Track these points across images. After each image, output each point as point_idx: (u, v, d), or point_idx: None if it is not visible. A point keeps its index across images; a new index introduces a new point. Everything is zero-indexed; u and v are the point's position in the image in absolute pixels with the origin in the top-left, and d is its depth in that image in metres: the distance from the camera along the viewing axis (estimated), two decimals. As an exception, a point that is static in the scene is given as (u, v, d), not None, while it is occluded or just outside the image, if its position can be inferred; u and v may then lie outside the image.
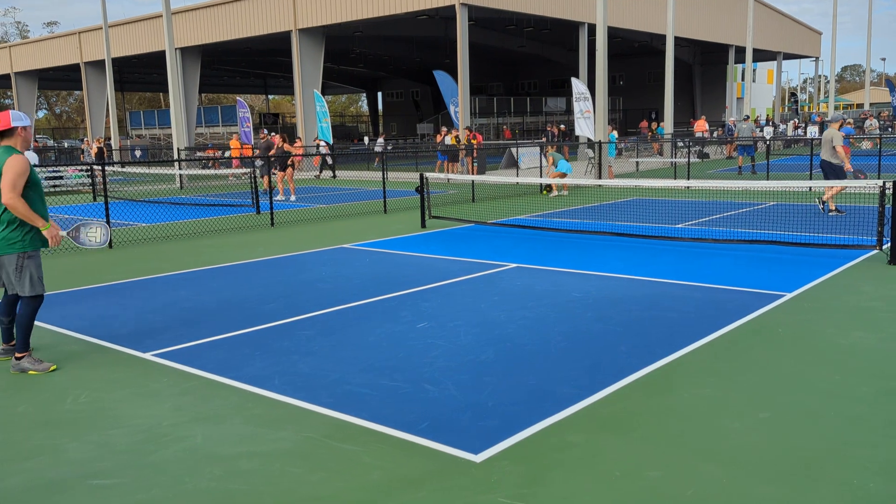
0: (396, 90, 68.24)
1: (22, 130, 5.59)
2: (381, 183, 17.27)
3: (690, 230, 11.89)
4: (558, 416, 4.50)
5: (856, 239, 10.31)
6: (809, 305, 7.01)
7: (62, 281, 9.29)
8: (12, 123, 5.53)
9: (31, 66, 48.20)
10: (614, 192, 18.68)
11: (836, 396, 4.74)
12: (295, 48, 33.21)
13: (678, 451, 4.01)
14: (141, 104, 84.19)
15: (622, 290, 7.82)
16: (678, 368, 5.34)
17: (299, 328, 6.67)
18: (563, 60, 49.27)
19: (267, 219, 14.81)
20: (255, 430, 4.45)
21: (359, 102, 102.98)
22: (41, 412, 4.86)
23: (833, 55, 47.63)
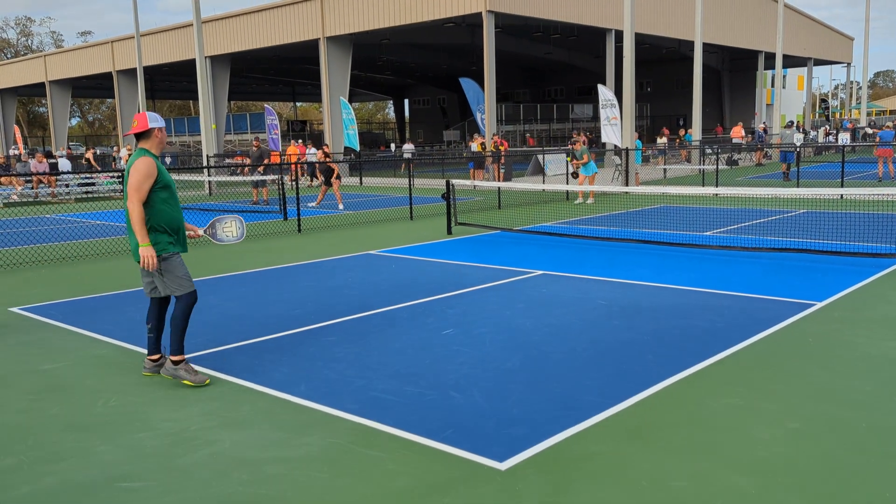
0: (423, 97, 68.48)
1: (158, 132, 5.43)
2: (408, 189, 17.33)
3: (718, 238, 11.77)
4: (584, 425, 4.48)
5: (888, 248, 10.12)
6: (840, 315, 6.90)
7: (91, 286, 9.45)
8: (149, 125, 5.35)
9: (64, 75, 49.15)
10: (641, 199, 18.56)
11: (868, 407, 4.65)
12: (323, 56, 33.49)
13: (706, 462, 3.97)
14: (171, 111, 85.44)
15: (649, 298, 7.76)
16: (706, 378, 5.28)
17: (325, 334, 6.71)
18: (590, 67, 49.07)
19: (294, 225, 14.93)
20: (282, 435, 4.48)
21: (385, 109, 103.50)
22: (72, 415, 4.94)
23: (865, 60, 46.92)
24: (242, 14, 37.01)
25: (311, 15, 33.69)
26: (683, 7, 37.13)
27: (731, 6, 41.66)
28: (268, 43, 35.99)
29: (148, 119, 5.36)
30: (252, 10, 36.50)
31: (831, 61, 54.95)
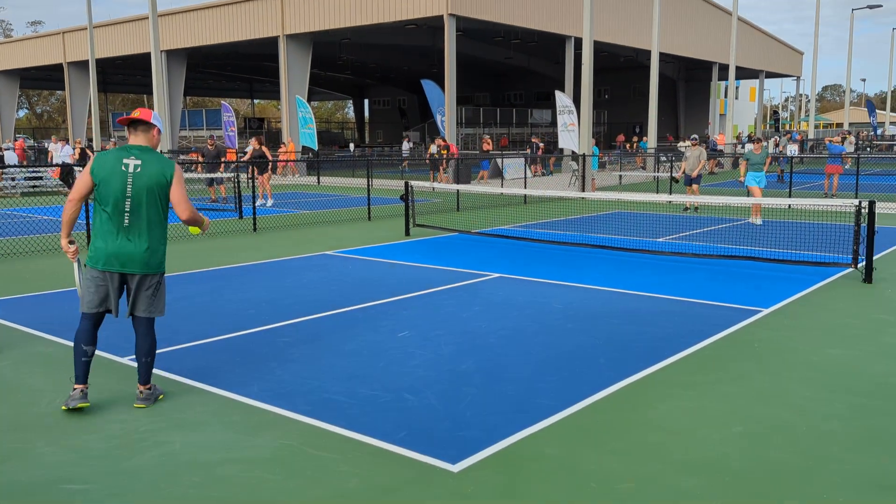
0: (383, 98, 68.29)
1: (157, 133, 4.93)
2: (366, 190, 17.27)
3: (671, 244, 12.00)
4: (536, 427, 4.53)
5: (832, 257, 10.45)
6: (785, 321, 7.10)
7: (36, 284, 9.21)
8: (153, 120, 4.88)
9: (13, 66, 47.74)
10: (597, 205, 18.81)
11: (810, 411, 4.80)
12: (282, 54, 33.17)
13: (654, 463, 4.05)
14: (124, 106, 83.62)
15: (603, 303, 7.88)
16: (656, 381, 5.39)
17: (279, 335, 6.66)
18: (550, 73, 49.57)
19: (249, 224, 14.76)
20: (234, 436, 4.44)
21: (345, 109, 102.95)
22: (15, 415, 4.81)
23: (814, 75, 48.34)
24: (201, 8, 36.46)
25: (270, 12, 33.35)
26: (641, 17, 37.78)
27: (687, 18, 42.54)
28: (226, 39, 35.51)
29: (153, 115, 4.92)
30: (211, 4, 35.98)
31: (782, 74, 56.47)
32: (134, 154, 4.76)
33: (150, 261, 4.82)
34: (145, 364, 4.96)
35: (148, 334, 4.96)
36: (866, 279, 8.90)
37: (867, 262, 8.92)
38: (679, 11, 41.57)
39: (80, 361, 4.79)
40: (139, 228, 4.75)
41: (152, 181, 4.75)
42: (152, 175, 4.75)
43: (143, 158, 4.76)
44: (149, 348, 4.96)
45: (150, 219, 4.79)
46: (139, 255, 4.76)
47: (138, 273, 4.81)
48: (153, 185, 4.75)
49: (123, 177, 4.70)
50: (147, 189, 4.74)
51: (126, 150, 4.77)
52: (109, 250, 4.72)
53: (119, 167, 4.71)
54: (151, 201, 4.77)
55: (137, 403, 4.94)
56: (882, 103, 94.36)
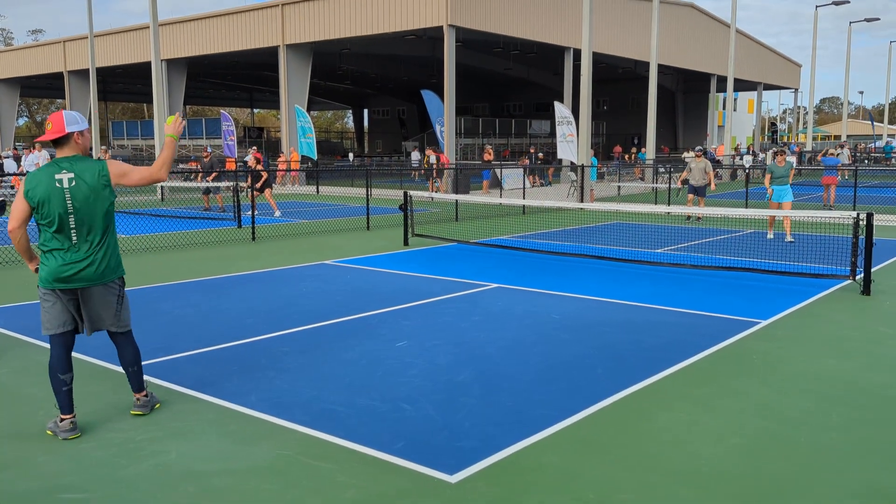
0: (382, 108, 68.47)
1: (79, 137, 4.59)
2: (365, 199, 17.29)
3: (669, 255, 12.02)
4: (534, 438, 4.53)
5: (830, 269, 10.47)
6: (783, 333, 7.10)
7: (32, 292, 9.18)
8: (66, 129, 4.52)
9: (13, 74, 47.84)
10: (595, 216, 18.83)
11: (808, 424, 4.80)
12: (282, 63, 33.27)
13: (652, 475, 4.05)
14: (124, 114, 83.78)
15: (601, 314, 7.88)
16: (653, 392, 5.38)
17: (277, 344, 6.65)
18: (549, 84, 49.75)
19: (248, 233, 14.77)
20: (231, 446, 4.43)
21: (344, 119, 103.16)
22: (14, 424, 4.80)
23: (812, 87, 48.53)
24: (201, 18, 36.58)
25: (271, 22, 33.47)
26: (640, 29, 37.96)
27: (686, 30, 42.74)
28: (226, 48, 35.62)
29: (65, 121, 4.53)
30: (211, 14, 36.11)
31: (780, 86, 56.70)
32: (64, 168, 4.52)
33: (105, 270, 4.64)
34: (134, 373, 4.90)
35: (128, 344, 4.86)
36: (865, 291, 8.91)
37: (865, 274, 8.93)
38: (678, 23, 41.78)
39: (62, 392, 4.58)
40: (89, 242, 4.57)
41: (91, 189, 4.53)
42: (89, 183, 4.53)
43: (75, 169, 4.52)
44: (133, 358, 4.88)
45: (98, 229, 4.60)
46: (93, 269, 4.58)
47: (94, 285, 4.61)
48: (93, 193, 4.54)
49: (61, 194, 4.47)
50: (88, 199, 4.52)
51: (56, 166, 4.53)
52: (60, 268, 4.52)
53: (54, 185, 4.47)
54: (96, 210, 4.57)
55: (135, 410, 4.92)
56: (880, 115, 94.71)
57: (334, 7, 31.19)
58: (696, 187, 17.39)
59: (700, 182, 17.33)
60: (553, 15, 32.89)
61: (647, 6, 37.66)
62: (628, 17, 37.84)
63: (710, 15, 45.50)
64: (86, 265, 4.56)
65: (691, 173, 17.49)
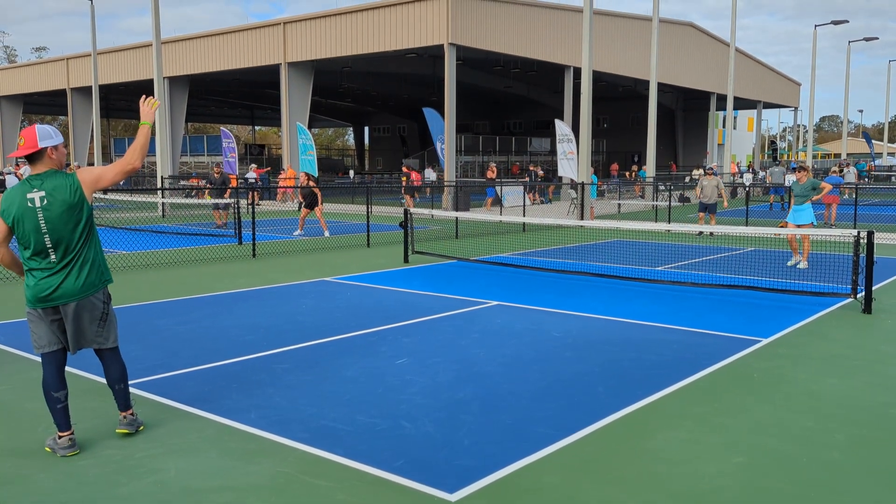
0: (383, 125, 68.76)
1: (52, 152, 4.47)
2: (365, 216, 17.31)
3: (670, 273, 12.01)
4: (534, 457, 4.50)
5: (831, 287, 10.46)
6: (784, 352, 7.09)
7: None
8: (39, 144, 4.41)
9: (16, 91, 48.12)
10: (595, 233, 18.85)
11: (810, 442, 4.78)
12: (283, 81, 33.47)
13: (653, 494, 4.02)
14: (126, 131, 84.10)
15: (601, 331, 7.87)
16: (654, 411, 5.36)
17: (277, 361, 6.64)
18: (549, 102, 49.99)
19: (249, 250, 14.78)
20: (230, 463, 4.41)
21: (345, 136, 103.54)
22: (11, 440, 4.78)
23: (811, 106, 48.74)
24: (204, 36, 36.84)
25: (273, 40, 33.71)
26: (640, 48, 38.19)
27: (685, 49, 43.00)
28: (228, 66, 35.84)
29: (38, 136, 4.40)
30: (213, 32, 36.37)
31: (780, 105, 56.96)
32: (35, 186, 4.42)
33: (86, 284, 4.52)
34: (120, 391, 4.83)
35: (115, 361, 4.79)
36: (865, 309, 8.90)
37: (866, 292, 8.92)
38: (677, 42, 42.05)
39: (56, 409, 4.53)
40: (67, 259, 4.47)
41: (64, 206, 4.42)
42: (62, 200, 4.41)
43: (46, 187, 4.41)
44: (119, 375, 4.80)
45: (76, 244, 4.49)
46: (71, 284, 4.48)
47: (76, 300, 4.50)
48: (67, 210, 4.43)
49: (34, 214, 4.38)
50: (62, 217, 4.41)
51: (28, 185, 4.44)
52: (39, 287, 4.45)
53: (26, 205, 4.39)
54: (71, 226, 4.45)
55: (120, 429, 4.82)
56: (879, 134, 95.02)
57: (336, 25, 31.42)
58: (706, 205, 17.59)
59: (711, 199, 17.51)
60: (553, 34, 33.11)
61: (647, 25, 37.94)
62: (628, 35, 38.09)
63: (709, 34, 45.80)
64: (63, 281, 4.46)
65: (703, 191, 17.66)
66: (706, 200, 17.57)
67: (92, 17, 33.49)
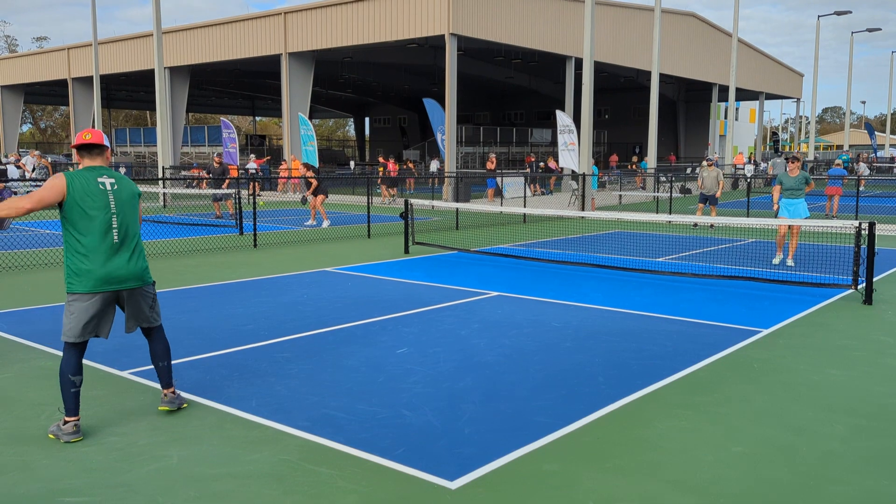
0: (384, 116, 68.63)
1: (109, 154, 5.03)
2: (366, 207, 17.32)
3: (670, 264, 12.02)
4: (534, 445, 4.53)
5: (832, 278, 10.47)
6: (785, 342, 7.10)
7: (38, 297, 9.22)
8: (104, 142, 4.93)
9: (17, 80, 48.02)
10: (596, 224, 18.85)
11: (809, 432, 4.80)
12: (284, 71, 33.39)
13: (652, 483, 4.05)
14: (127, 121, 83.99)
15: (602, 322, 7.88)
16: (654, 400, 5.39)
17: (278, 350, 6.66)
18: (550, 92, 49.88)
19: (250, 240, 14.79)
20: (232, 451, 4.44)
21: (346, 127, 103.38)
22: (14, 428, 4.80)
23: (814, 97, 48.60)
24: (204, 26, 36.73)
25: (273, 30, 33.61)
26: (642, 38, 38.07)
27: (687, 39, 42.85)
28: (229, 56, 35.75)
29: (104, 136, 4.98)
30: (214, 22, 36.26)
31: (782, 96, 56.76)
32: (105, 174, 4.83)
33: (144, 272, 4.92)
34: (164, 368, 5.09)
35: (161, 339, 5.11)
36: (866, 301, 8.91)
37: (867, 283, 8.94)
38: (679, 33, 41.90)
39: (70, 393, 4.66)
40: (128, 243, 4.83)
41: (128, 196, 4.88)
42: (127, 191, 4.88)
43: (113, 176, 4.87)
44: (164, 351, 5.10)
45: (134, 232, 4.90)
46: (135, 270, 4.84)
47: (137, 286, 4.87)
48: (130, 200, 4.88)
49: (105, 194, 4.75)
50: (127, 203, 4.85)
51: (96, 171, 4.79)
52: (103, 270, 4.67)
53: (97, 186, 4.73)
54: (132, 215, 4.88)
55: (162, 406, 5.04)
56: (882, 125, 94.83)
57: (336, 16, 31.32)
58: (707, 196, 17.52)
59: (711, 190, 17.44)
60: (555, 24, 33.01)
61: (649, 15, 37.82)
62: (630, 26, 37.96)
63: (711, 24, 45.63)
64: (127, 266, 4.80)
65: (703, 182, 17.56)
66: (706, 192, 17.49)
67: (93, 7, 33.40)
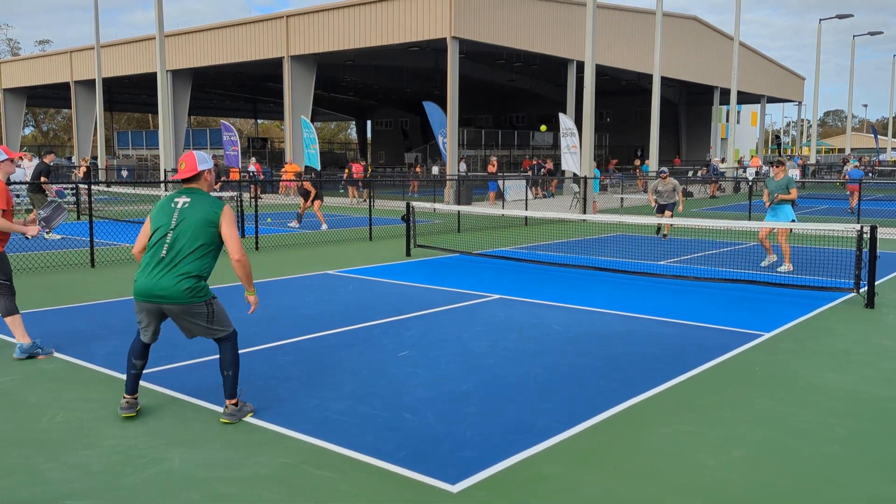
0: (385, 119, 68.69)
1: (208, 175, 5.01)
2: (368, 210, 17.33)
3: (672, 267, 12.02)
4: (536, 448, 4.53)
5: (834, 282, 10.46)
6: (786, 346, 7.10)
7: (43, 299, 9.23)
8: (199, 168, 4.94)
9: (20, 84, 48.14)
10: (598, 227, 18.85)
11: (811, 436, 4.80)
12: (286, 75, 33.44)
13: (653, 487, 4.04)
14: (129, 124, 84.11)
15: (603, 325, 7.88)
16: (656, 404, 5.38)
17: (280, 353, 6.66)
18: (552, 96, 49.89)
19: (251, 243, 14.80)
20: (233, 454, 4.44)
21: (348, 130, 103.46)
22: (16, 431, 4.81)
23: (815, 100, 48.60)
24: (206, 29, 36.81)
25: (275, 33, 33.67)
26: (643, 41, 38.09)
27: (689, 43, 42.87)
28: (231, 59, 35.82)
29: (197, 161, 4.95)
30: (216, 25, 36.33)
31: (784, 99, 56.76)
32: (184, 193, 4.96)
33: (187, 293, 4.75)
34: (226, 378, 4.98)
35: (226, 349, 4.98)
36: (868, 304, 8.90)
37: (869, 287, 8.93)
38: (681, 36, 41.92)
39: (129, 374, 5.00)
40: (178, 261, 4.77)
41: (198, 218, 4.81)
42: (199, 213, 4.83)
43: (192, 197, 4.91)
44: (227, 362, 4.96)
45: (190, 251, 4.78)
46: (175, 290, 4.74)
47: (175, 305, 4.79)
48: (199, 220, 4.81)
49: (171, 212, 4.89)
50: (192, 223, 4.80)
51: (182, 192, 4.97)
52: (142, 282, 4.81)
53: (169, 205, 4.92)
54: (195, 235, 4.79)
55: (222, 418, 4.96)
56: (884, 129, 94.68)
57: (338, 19, 31.38)
58: (664, 205, 15.86)
59: (668, 201, 15.79)
60: (556, 27, 33.04)
61: (651, 19, 37.84)
62: (631, 29, 37.99)
63: (713, 28, 45.65)
64: (165, 283, 4.75)
65: (658, 195, 15.91)
66: (663, 202, 15.83)
67: (95, 11, 33.48)
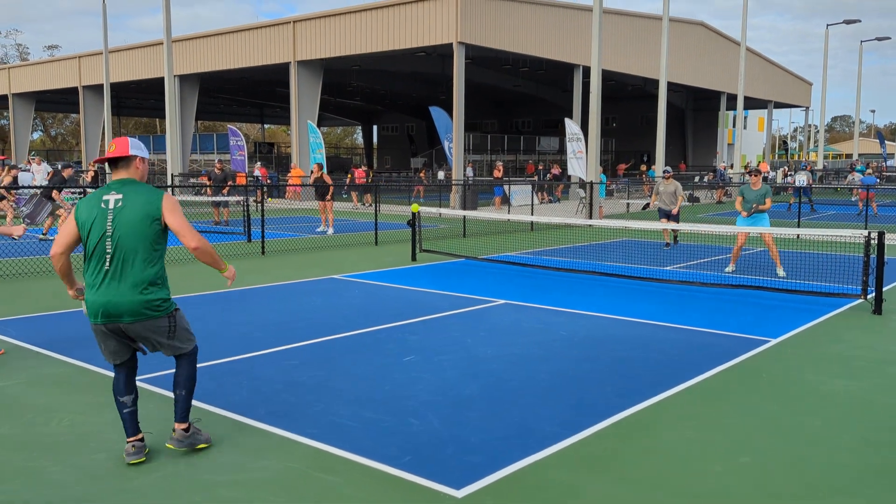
0: (392, 124, 68.82)
1: (140, 163, 4.35)
2: (374, 215, 17.36)
3: (678, 273, 11.99)
4: (541, 454, 4.52)
5: (841, 287, 10.42)
6: (793, 352, 7.07)
7: (47, 303, 9.27)
8: (130, 151, 4.29)
9: (29, 88, 48.42)
10: (604, 232, 18.83)
11: (818, 443, 4.77)
12: (293, 80, 33.54)
13: (659, 493, 4.03)
14: (137, 129, 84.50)
15: (609, 330, 7.87)
16: (662, 410, 5.37)
17: (286, 358, 6.67)
18: (558, 101, 49.90)
19: (258, 247, 14.83)
20: (239, 458, 4.44)
21: (354, 135, 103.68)
22: (23, 434, 4.83)
23: (823, 106, 48.49)
24: (214, 35, 36.97)
25: (282, 38, 33.79)
26: (649, 47, 38.08)
27: (695, 48, 42.84)
28: (238, 64, 35.96)
29: (129, 144, 4.32)
30: (224, 31, 36.50)
31: (791, 105, 56.65)
32: (114, 188, 4.26)
33: (144, 306, 4.20)
34: (178, 398, 4.46)
35: (184, 365, 4.47)
36: (876, 310, 8.86)
37: (877, 293, 8.89)
38: (687, 41, 41.90)
39: (123, 414, 4.39)
40: (126, 271, 4.17)
41: (136, 216, 4.18)
42: (136, 209, 4.19)
43: (124, 192, 4.23)
44: (183, 380, 4.46)
45: (138, 258, 4.19)
46: (131, 303, 4.16)
47: (136, 322, 4.21)
48: (137, 217, 4.18)
49: (104, 214, 4.18)
50: (130, 222, 4.17)
51: (106, 188, 4.28)
52: (96, 301, 4.18)
53: (99, 206, 4.21)
54: (138, 235, 4.18)
55: (168, 443, 4.49)
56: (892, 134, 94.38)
57: (345, 24, 31.48)
58: (667, 212, 15.40)
59: (670, 205, 15.34)
60: (562, 32, 33.07)
61: (657, 24, 37.83)
62: (638, 34, 37.99)
63: (719, 33, 45.61)
64: (118, 298, 4.16)
65: (660, 196, 15.55)
66: (665, 207, 15.38)
67: (104, 16, 33.68)
